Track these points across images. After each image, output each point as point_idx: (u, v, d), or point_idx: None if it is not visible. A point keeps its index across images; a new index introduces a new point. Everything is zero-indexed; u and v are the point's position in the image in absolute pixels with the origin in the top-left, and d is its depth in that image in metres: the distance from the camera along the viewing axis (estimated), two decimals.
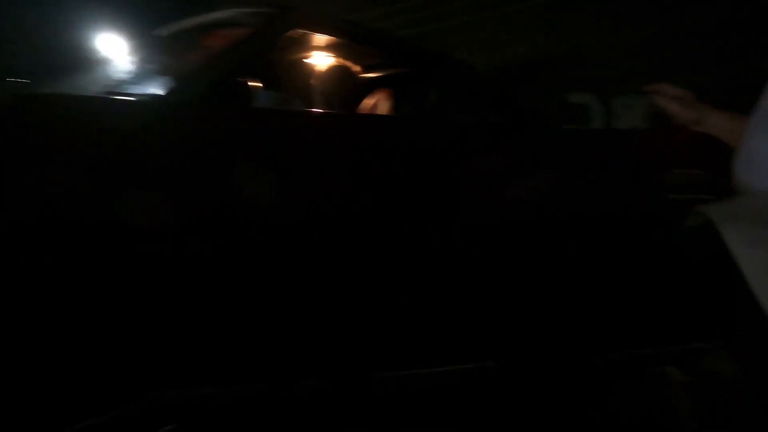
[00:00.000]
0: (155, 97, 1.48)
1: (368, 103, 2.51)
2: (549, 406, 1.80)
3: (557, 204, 1.81)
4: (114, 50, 2.44)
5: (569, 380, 1.88)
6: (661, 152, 1.89)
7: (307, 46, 2.28)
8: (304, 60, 2.41)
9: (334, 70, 2.33)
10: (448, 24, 4.41)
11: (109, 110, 1.36)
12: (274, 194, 1.45)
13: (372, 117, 2.28)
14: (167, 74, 1.85)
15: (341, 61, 2.35)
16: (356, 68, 2.40)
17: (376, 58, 2.43)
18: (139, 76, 2.00)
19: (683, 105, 1.20)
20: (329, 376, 1.56)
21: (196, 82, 1.51)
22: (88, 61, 2.41)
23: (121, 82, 1.97)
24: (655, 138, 2.05)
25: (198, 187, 1.39)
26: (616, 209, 1.84)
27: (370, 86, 2.55)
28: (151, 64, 2.05)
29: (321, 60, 2.39)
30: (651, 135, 2.22)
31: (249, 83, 1.89)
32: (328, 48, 2.31)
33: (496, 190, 1.78)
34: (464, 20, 4.34)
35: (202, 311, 1.36)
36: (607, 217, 1.81)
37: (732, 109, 1.19)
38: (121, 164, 1.29)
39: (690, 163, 1.11)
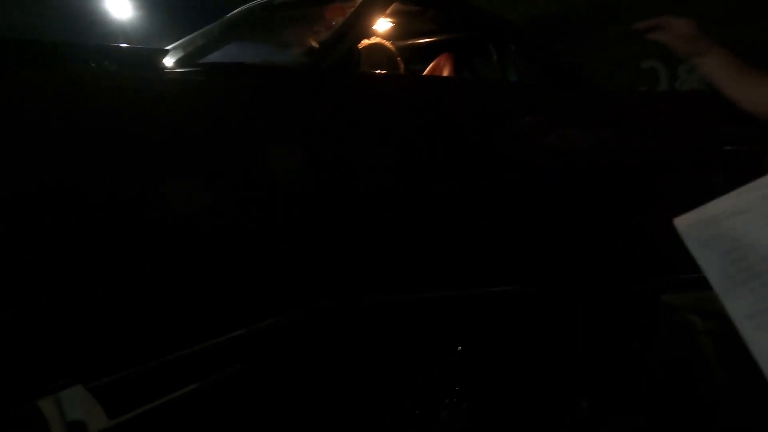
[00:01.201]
0: (305, 66, 1.67)
1: (431, 66, 2.69)
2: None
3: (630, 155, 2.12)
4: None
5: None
6: (719, 110, 2.15)
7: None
8: None
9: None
10: None
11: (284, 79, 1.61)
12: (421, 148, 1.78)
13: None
14: (293, 46, 2.03)
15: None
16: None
17: (441, 22, 2.60)
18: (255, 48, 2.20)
19: (681, 38, 1.14)
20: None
21: (334, 51, 1.71)
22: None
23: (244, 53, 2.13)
24: (713, 98, 2.29)
25: (363, 141, 1.69)
26: (679, 159, 2.12)
27: (434, 50, 2.74)
28: (259, 36, 2.21)
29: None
30: (709, 96, 2.44)
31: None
32: (399, 14, 2.48)
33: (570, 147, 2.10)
34: None
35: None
36: (670, 166, 2.10)
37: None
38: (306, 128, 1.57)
39: (743, 120, 1.35)
